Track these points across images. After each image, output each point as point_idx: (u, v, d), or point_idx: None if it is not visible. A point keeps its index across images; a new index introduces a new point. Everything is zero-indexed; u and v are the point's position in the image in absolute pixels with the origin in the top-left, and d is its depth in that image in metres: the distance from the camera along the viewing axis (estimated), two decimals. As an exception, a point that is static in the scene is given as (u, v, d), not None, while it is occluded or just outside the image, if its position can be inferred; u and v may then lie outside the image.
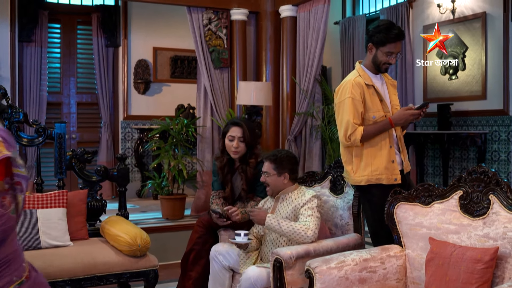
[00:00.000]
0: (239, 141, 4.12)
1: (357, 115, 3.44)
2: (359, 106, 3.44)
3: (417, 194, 3.25)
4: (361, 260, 3.14)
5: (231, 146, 4.13)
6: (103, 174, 4.66)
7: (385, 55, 3.48)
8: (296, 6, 6.73)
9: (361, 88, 3.46)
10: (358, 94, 3.44)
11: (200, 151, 6.68)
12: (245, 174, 4.14)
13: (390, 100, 3.61)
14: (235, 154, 4.14)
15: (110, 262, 3.97)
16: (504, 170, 6.28)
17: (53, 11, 7.90)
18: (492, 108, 6.43)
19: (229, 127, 4.19)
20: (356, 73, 3.56)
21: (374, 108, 3.48)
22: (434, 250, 2.98)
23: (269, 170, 3.72)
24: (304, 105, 6.63)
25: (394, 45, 3.46)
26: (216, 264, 3.84)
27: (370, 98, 3.48)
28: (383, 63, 3.51)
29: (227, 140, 4.16)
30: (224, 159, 4.21)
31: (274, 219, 3.51)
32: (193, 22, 6.58)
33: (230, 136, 4.14)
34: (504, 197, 2.84)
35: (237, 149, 4.12)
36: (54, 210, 4.18)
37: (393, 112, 3.55)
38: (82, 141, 8.21)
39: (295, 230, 3.46)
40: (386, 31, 3.45)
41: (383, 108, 3.51)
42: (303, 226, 3.46)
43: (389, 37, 3.44)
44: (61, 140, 4.50)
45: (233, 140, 4.12)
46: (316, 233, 3.49)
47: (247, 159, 4.17)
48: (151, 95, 8.30)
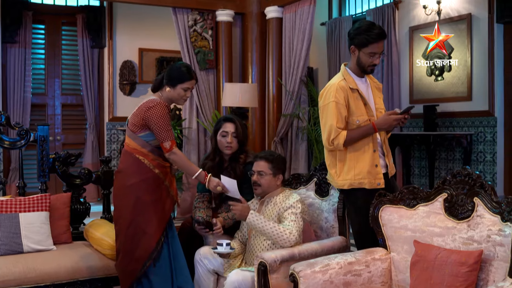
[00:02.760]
0: (232, 136, 4.07)
1: (341, 119, 3.41)
2: (343, 110, 3.42)
3: (402, 197, 3.24)
4: (346, 264, 3.12)
5: (224, 142, 4.08)
6: (87, 177, 4.62)
7: (368, 56, 3.44)
8: (282, 7, 6.72)
9: (345, 92, 3.43)
10: (342, 98, 3.42)
11: (186, 153, 6.65)
12: (234, 172, 4.10)
13: (374, 103, 3.58)
14: (228, 149, 4.09)
15: (94, 267, 3.93)
16: (489, 171, 6.30)
17: (37, 12, 7.81)
18: (478, 109, 6.44)
19: (222, 123, 4.15)
20: (341, 76, 3.53)
21: (358, 112, 3.46)
22: (419, 253, 2.97)
23: (265, 169, 3.68)
24: (290, 107, 6.62)
25: (376, 45, 3.42)
26: (200, 268, 3.81)
27: (354, 102, 3.46)
28: (368, 65, 3.48)
29: (220, 136, 4.11)
30: (216, 158, 4.15)
31: (257, 217, 3.47)
32: (178, 23, 6.54)
33: (223, 132, 4.09)
34: (489, 199, 2.84)
35: (230, 144, 4.07)
36: (37, 213, 4.13)
37: (378, 115, 3.52)
38: (67, 142, 8.14)
39: (278, 232, 3.43)
40: (367, 31, 3.40)
41: (367, 112, 3.49)
42: (286, 229, 3.44)
43: (371, 37, 3.40)
44: (43, 142, 4.44)
45: (226, 136, 4.08)
46: (297, 238, 3.49)
47: (237, 156, 4.13)
48: (137, 97, 8.24)
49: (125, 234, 3.60)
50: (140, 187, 3.55)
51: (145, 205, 3.54)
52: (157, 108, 3.48)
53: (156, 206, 3.57)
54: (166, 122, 3.48)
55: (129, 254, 3.58)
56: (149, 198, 3.55)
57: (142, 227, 3.54)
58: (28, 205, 4.14)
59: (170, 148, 3.49)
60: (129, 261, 3.59)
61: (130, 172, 3.60)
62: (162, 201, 3.61)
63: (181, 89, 3.57)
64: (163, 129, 3.47)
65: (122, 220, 3.62)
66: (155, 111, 3.47)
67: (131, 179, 3.58)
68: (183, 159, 3.57)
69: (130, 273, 3.59)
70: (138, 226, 3.55)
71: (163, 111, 3.49)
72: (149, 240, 3.54)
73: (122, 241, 3.62)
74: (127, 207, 3.58)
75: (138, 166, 3.57)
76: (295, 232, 3.46)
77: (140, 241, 3.55)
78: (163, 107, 3.50)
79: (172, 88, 3.57)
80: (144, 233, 3.54)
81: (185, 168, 3.60)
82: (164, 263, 3.61)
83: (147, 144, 3.57)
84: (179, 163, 3.56)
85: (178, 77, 3.55)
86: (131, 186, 3.57)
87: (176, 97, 3.60)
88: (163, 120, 3.47)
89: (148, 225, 3.54)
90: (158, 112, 3.47)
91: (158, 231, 3.57)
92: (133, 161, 3.60)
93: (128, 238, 3.58)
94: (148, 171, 3.56)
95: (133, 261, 3.57)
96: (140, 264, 3.54)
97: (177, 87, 3.56)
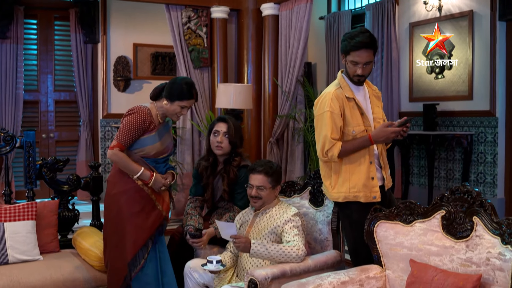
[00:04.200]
0: (223, 135, 4.00)
1: (336, 130, 3.27)
2: (338, 121, 3.27)
3: (398, 212, 3.12)
4: (339, 283, 3.00)
5: (215, 141, 4.02)
6: (75, 183, 4.51)
7: (352, 64, 3.28)
8: (278, 4, 6.55)
9: (340, 102, 3.29)
10: (337, 107, 3.27)
11: (180, 153, 6.53)
12: (227, 175, 4.00)
13: (372, 112, 3.42)
14: (219, 149, 4.01)
15: (80, 278, 3.85)
16: (490, 172, 6.17)
17: (29, 6, 7.62)
18: (479, 108, 6.31)
19: (215, 123, 4.10)
20: (337, 84, 3.38)
21: (354, 123, 3.31)
22: (415, 274, 2.86)
23: (265, 184, 3.54)
24: (286, 107, 6.47)
25: (357, 54, 3.22)
26: (190, 282, 3.70)
27: (350, 112, 3.31)
28: (354, 75, 3.31)
29: (212, 135, 4.06)
30: (210, 159, 4.09)
31: (260, 245, 3.32)
32: (171, 20, 6.39)
33: (215, 130, 4.04)
34: (489, 220, 2.71)
35: (220, 143, 3.99)
36: (23, 223, 4.04)
37: (376, 126, 3.37)
38: (60, 140, 7.99)
39: (286, 253, 3.29)
40: (351, 38, 3.24)
41: (363, 122, 3.34)
42: (293, 247, 3.31)
43: (350, 44, 3.22)
44: (30, 148, 4.32)
45: (217, 134, 4.01)
46: (305, 252, 3.36)
47: (230, 160, 4.04)
48: (131, 93, 8.08)
49: (109, 243, 3.59)
50: (122, 197, 3.51)
51: (126, 216, 3.49)
52: (135, 115, 3.46)
53: (137, 218, 3.50)
54: (132, 128, 3.44)
55: (112, 264, 3.58)
56: (130, 210, 3.50)
57: (122, 238, 3.50)
58: (14, 214, 4.04)
59: (112, 147, 3.45)
60: (113, 271, 3.58)
61: (114, 181, 3.59)
62: (145, 213, 3.53)
63: (178, 106, 3.50)
64: (123, 131, 3.45)
65: (107, 228, 3.63)
66: (131, 116, 3.46)
67: (113, 189, 3.56)
68: (123, 160, 3.46)
69: (115, 285, 3.55)
70: (119, 237, 3.51)
71: (138, 119, 3.46)
72: (127, 252, 3.48)
73: (108, 250, 3.62)
74: (109, 216, 3.59)
75: (121, 176, 3.53)
76: (302, 245, 3.34)
77: (120, 252, 3.51)
78: (140, 116, 3.46)
79: (170, 102, 3.51)
80: (124, 244, 3.50)
81: (126, 167, 3.48)
82: (151, 279, 3.52)
83: (131, 152, 3.51)
84: (120, 163, 3.49)
85: (177, 94, 3.49)
86: (114, 195, 3.55)
87: (171, 113, 3.55)
88: (130, 125, 3.44)
89: (127, 237, 3.49)
90: (132, 117, 3.45)
91: (137, 244, 3.50)
92: (117, 170, 3.56)
93: (112, 248, 3.57)
94: (130, 182, 3.51)
95: (116, 272, 3.55)
96: (122, 276, 3.50)
97: (175, 103, 3.50)
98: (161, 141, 3.54)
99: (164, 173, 3.60)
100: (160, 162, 3.59)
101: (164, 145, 3.59)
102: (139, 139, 3.48)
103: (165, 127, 3.63)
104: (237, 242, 3.33)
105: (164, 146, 3.58)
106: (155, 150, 3.53)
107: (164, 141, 3.58)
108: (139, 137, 3.48)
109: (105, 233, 3.65)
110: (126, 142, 3.44)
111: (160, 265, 3.60)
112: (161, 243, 3.65)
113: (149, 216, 3.53)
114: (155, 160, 3.56)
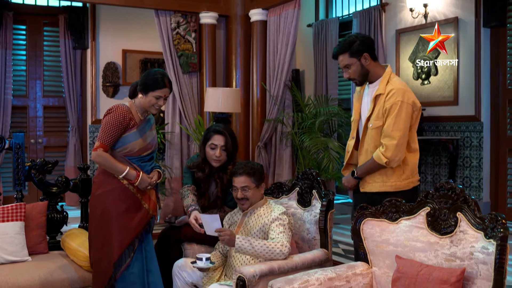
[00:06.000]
0: (221, 149, 3.95)
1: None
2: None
3: (384, 210, 3.16)
4: (326, 279, 3.03)
5: (212, 155, 3.95)
6: (64, 185, 4.51)
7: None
8: (266, 10, 6.62)
9: None
10: None
11: (168, 157, 6.55)
12: (221, 181, 4.01)
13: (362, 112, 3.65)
14: (217, 163, 3.98)
15: (69, 279, 3.83)
16: (475, 176, 6.25)
17: (18, 12, 7.66)
18: (464, 114, 6.40)
19: (211, 135, 3.99)
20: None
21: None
22: (401, 270, 2.89)
23: (248, 184, 3.56)
24: (274, 112, 6.52)
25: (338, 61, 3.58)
26: (179, 281, 3.71)
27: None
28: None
29: (208, 148, 3.98)
30: (206, 170, 4.02)
31: (245, 240, 3.35)
32: (161, 25, 6.43)
33: (212, 144, 3.96)
34: (472, 215, 2.76)
35: (219, 158, 3.95)
36: (11, 224, 4.02)
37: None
38: (49, 145, 8.01)
39: (270, 248, 3.32)
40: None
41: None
42: (277, 243, 3.34)
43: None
44: (19, 150, 4.32)
45: (215, 148, 3.95)
46: (290, 249, 3.39)
47: (225, 167, 4.02)
48: (120, 99, 8.10)
49: (94, 244, 3.59)
50: (107, 197, 3.51)
51: (111, 216, 3.50)
52: (113, 113, 3.46)
53: (123, 218, 3.51)
54: (112, 127, 3.44)
55: (97, 264, 3.57)
56: (115, 210, 3.50)
57: (107, 238, 3.50)
58: (2, 215, 4.03)
59: (95, 148, 3.45)
60: (98, 272, 3.57)
61: (99, 181, 3.58)
62: (132, 213, 3.53)
63: (152, 97, 3.49)
64: (104, 131, 3.45)
65: (92, 229, 3.61)
66: (110, 115, 3.46)
67: (99, 189, 3.56)
68: (108, 160, 3.46)
69: (100, 285, 3.55)
70: (104, 237, 3.51)
71: (117, 117, 3.45)
72: (113, 252, 3.49)
73: (92, 251, 3.62)
74: (94, 216, 3.59)
75: (106, 176, 3.54)
76: (286, 242, 3.37)
77: (106, 252, 3.51)
78: (119, 114, 3.47)
79: (144, 95, 3.51)
80: (109, 245, 3.50)
81: (111, 168, 3.49)
82: (137, 279, 3.54)
83: (115, 152, 3.52)
84: (105, 164, 3.49)
85: (150, 84, 3.48)
86: (99, 196, 3.55)
87: (147, 105, 3.53)
88: (110, 124, 3.44)
89: (113, 237, 3.49)
90: (111, 116, 3.45)
91: (123, 243, 3.51)
92: (102, 170, 3.57)
93: (97, 248, 3.57)
94: (115, 182, 3.51)
95: (100, 273, 3.54)
96: (107, 276, 3.50)
97: (149, 95, 3.49)
98: (142, 138, 3.54)
99: (150, 172, 3.63)
100: (145, 161, 3.60)
101: (147, 141, 3.58)
102: (121, 137, 3.48)
103: (147, 123, 3.63)
104: (222, 235, 3.37)
105: (147, 142, 3.58)
106: (138, 146, 3.53)
107: (147, 137, 3.58)
108: (121, 135, 3.48)
109: (91, 233, 3.64)
110: (108, 142, 3.44)
111: (146, 264, 3.60)
112: (148, 242, 3.65)
113: (135, 216, 3.54)
114: (141, 159, 3.56)
